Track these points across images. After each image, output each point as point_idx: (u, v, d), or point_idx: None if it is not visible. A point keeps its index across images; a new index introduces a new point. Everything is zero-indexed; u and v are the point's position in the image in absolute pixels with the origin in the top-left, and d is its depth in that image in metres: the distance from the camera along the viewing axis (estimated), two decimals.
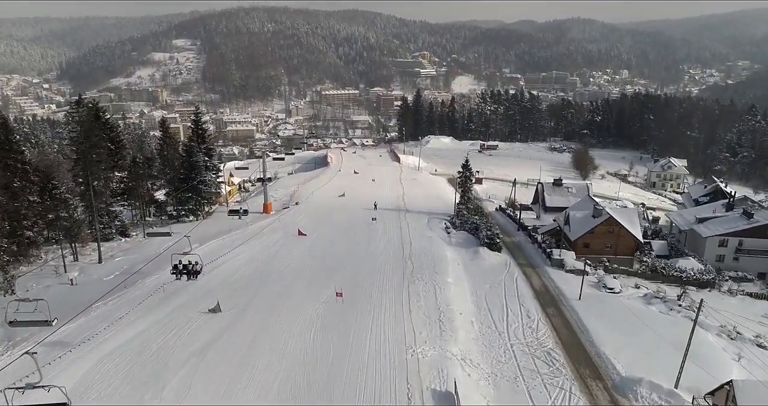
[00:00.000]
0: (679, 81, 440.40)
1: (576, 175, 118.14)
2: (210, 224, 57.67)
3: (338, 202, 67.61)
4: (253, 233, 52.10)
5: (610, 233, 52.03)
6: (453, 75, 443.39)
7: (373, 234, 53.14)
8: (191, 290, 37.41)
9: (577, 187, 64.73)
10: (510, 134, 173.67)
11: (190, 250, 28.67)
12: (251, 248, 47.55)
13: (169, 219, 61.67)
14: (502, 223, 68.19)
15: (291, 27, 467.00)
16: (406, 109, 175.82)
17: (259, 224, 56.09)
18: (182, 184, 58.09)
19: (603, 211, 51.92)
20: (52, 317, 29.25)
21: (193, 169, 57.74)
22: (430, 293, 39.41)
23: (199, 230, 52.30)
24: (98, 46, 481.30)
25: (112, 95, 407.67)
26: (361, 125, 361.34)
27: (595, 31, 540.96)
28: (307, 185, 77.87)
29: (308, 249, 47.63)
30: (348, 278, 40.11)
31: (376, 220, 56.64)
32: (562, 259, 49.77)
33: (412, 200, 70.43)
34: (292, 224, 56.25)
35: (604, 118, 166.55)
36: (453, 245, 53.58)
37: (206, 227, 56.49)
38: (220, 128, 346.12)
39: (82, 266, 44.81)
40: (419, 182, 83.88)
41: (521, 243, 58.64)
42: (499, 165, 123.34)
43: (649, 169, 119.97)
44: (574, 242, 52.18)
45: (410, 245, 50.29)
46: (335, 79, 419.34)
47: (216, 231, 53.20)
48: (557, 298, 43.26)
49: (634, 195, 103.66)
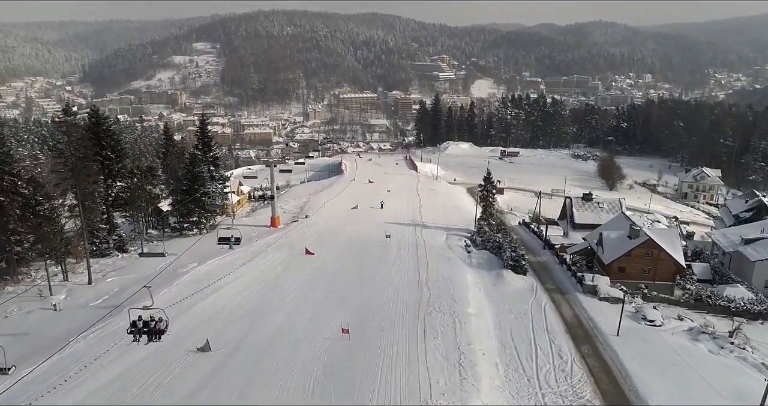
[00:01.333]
0: (704, 85, 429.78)
1: (602, 185, 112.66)
2: (213, 238, 53.86)
3: (351, 215, 63.52)
4: (257, 252, 48.22)
5: (649, 257, 47.02)
6: (472, 78, 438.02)
7: (386, 254, 48.92)
8: (182, 321, 33.59)
9: (608, 203, 59.69)
10: (531, 140, 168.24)
11: (152, 303, 23.79)
12: (253, 270, 43.67)
13: (172, 232, 58.20)
14: (526, 239, 63.48)
15: (310, 30, 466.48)
16: (424, 114, 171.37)
17: (264, 240, 52.24)
18: (184, 196, 54.56)
19: (640, 232, 46.94)
20: (9, 365, 25.84)
21: (196, 180, 54.17)
22: (449, 326, 35.05)
23: (201, 245, 48.72)
24: (120, 49, 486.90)
25: (132, 98, 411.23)
26: (378, 129, 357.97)
27: (618, 34, 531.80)
28: (319, 196, 73.92)
29: (314, 272, 43.58)
30: (357, 309, 35.98)
31: (390, 237, 52.40)
32: (595, 285, 44.94)
33: (430, 213, 66.03)
34: (299, 241, 52.30)
35: (630, 125, 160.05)
36: (474, 266, 49.09)
37: (209, 242, 52.75)
38: (237, 131, 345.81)
39: (71, 288, 41.34)
40: (437, 193, 79.46)
41: (548, 264, 53.87)
42: (520, 173, 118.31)
43: (681, 179, 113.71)
44: (608, 265, 47.27)
45: (427, 267, 45.95)
46: (353, 83, 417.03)
47: (218, 248, 49.45)
48: (592, 332, 38.53)
49: (666, 208, 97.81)
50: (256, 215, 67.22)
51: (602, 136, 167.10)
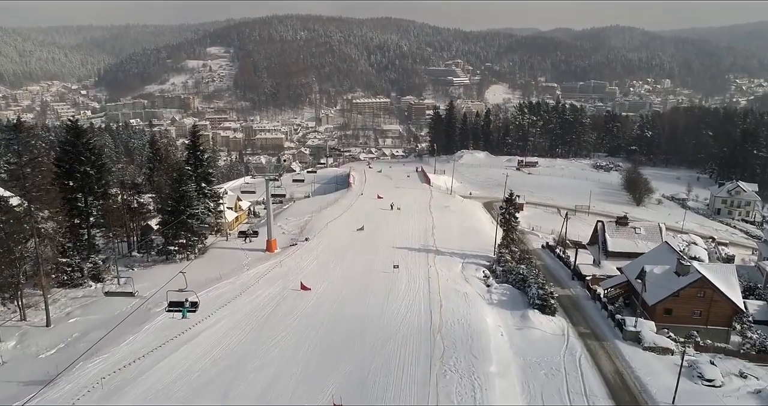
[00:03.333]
0: (724, 91, 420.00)
1: (629, 199, 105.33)
2: (200, 266, 48.04)
3: (356, 238, 57.18)
4: (246, 285, 42.11)
5: (700, 298, 40.19)
6: (487, 84, 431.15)
7: (394, 288, 42.58)
8: (141, 384, 27.61)
9: (646, 228, 52.81)
10: (550, 149, 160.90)
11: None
12: (237, 311, 37.60)
13: (159, 255, 52.40)
14: (551, 266, 56.84)
15: (324, 35, 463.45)
16: (438, 121, 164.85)
17: (256, 269, 46.19)
18: (170, 217, 48.82)
19: (691, 268, 40.09)
20: None
21: (182, 200, 48.41)
22: (467, 394, 28.67)
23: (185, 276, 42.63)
24: (135, 54, 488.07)
25: (145, 102, 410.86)
26: (391, 135, 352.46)
27: (635, 39, 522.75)
28: (323, 214, 67.66)
29: (309, 314, 37.38)
30: (354, 371, 29.72)
31: (398, 268, 46.02)
32: (639, 331, 38.20)
33: (444, 236, 59.49)
34: (295, 271, 46.17)
35: (655, 134, 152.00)
36: (494, 304, 42.59)
37: (196, 269, 46.81)
38: (249, 136, 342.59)
39: (25, 331, 35.60)
40: (452, 211, 72.84)
41: (579, 299, 47.18)
42: (540, 186, 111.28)
43: (713, 193, 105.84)
44: (652, 306, 40.47)
45: (440, 306, 39.53)
46: (366, 88, 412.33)
47: (203, 279, 43.49)
48: (640, 396, 31.92)
49: (699, 226, 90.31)
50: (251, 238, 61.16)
51: (624, 145, 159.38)
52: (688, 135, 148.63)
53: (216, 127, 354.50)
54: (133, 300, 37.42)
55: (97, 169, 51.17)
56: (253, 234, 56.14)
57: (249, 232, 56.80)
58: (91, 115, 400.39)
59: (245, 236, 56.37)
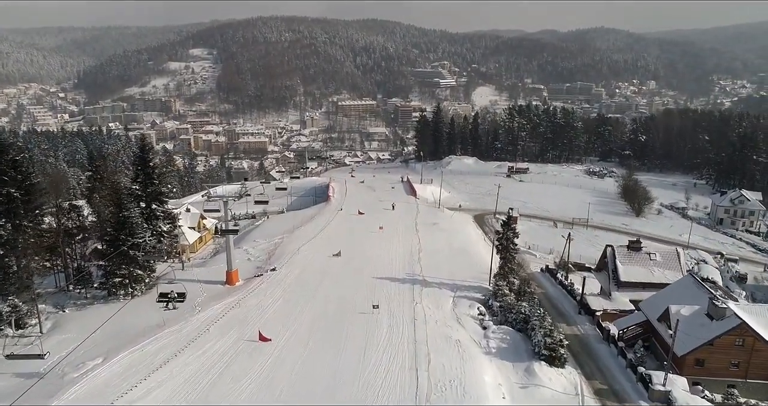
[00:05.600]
0: (709, 92, 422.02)
1: (627, 209, 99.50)
2: (144, 305, 40.60)
3: (331, 265, 49.77)
4: (193, 336, 34.60)
5: (738, 346, 33.70)
6: (473, 85, 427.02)
7: (372, 338, 35.42)
8: None
9: (662, 254, 46.34)
10: (540, 154, 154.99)
11: None
12: (177, 374, 30.20)
13: (100, 290, 44.72)
14: (553, 296, 50.21)
15: (309, 36, 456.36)
16: (425, 125, 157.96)
17: (208, 311, 38.72)
18: (108, 249, 41.34)
19: (727, 311, 33.52)
20: None
21: (123, 227, 40.96)
22: None
23: (121, 321, 35.28)
24: (115, 56, 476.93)
25: (124, 105, 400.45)
26: (377, 137, 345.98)
27: (620, 40, 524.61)
28: (296, 235, 60.19)
29: (265, 378, 30.10)
30: None
31: (378, 308, 38.90)
32: (669, 391, 31.52)
33: (431, 261, 52.43)
34: (256, 313, 38.85)
35: (649, 138, 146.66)
36: (493, 353, 35.73)
37: (138, 310, 39.50)
38: (231, 140, 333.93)
39: None
40: (440, 229, 65.79)
41: (589, 341, 40.52)
42: (533, 194, 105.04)
43: (715, 202, 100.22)
44: (681, 357, 33.85)
45: (428, 362, 32.57)
46: (352, 90, 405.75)
47: (142, 326, 36.07)
48: None
49: (704, 239, 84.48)
50: (215, 260, 53.75)
51: (615, 149, 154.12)
52: (683, 139, 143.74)
53: (198, 131, 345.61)
54: (45, 362, 29.97)
55: (25, 190, 43.58)
56: (178, 298, 39.86)
57: (172, 295, 39.96)
58: (68, 118, 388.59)
59: (167, 299, 40.03)
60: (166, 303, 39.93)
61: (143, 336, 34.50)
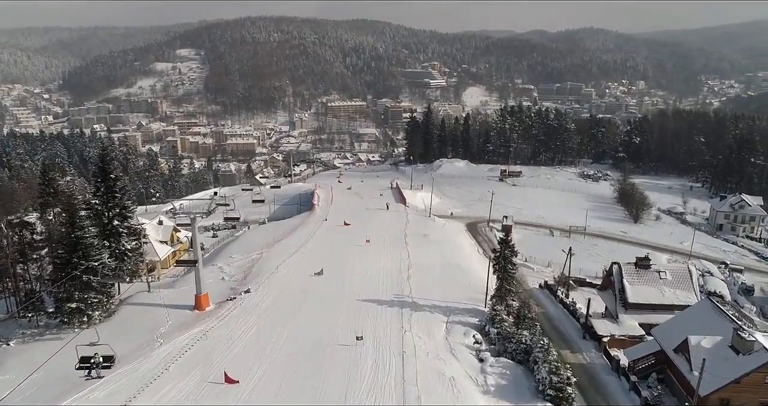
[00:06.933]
0: (697, 92, 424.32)
1: (624, 215, 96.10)
2: (101, 336, 35.95)
3: (312, 285, 45.35)
4: (149, 378, 30.12)
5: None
6: (464, 86, 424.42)
7: (355, 374, 31.21)
8: None
9: (672, 273, 42.52)
10: (533, 156, 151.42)
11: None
12: None
13: (53, 318, 39.93)
14: (554, 316, 46.36)
15: (298, 37, 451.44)
16: (415, 127, 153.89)
17: (171, 344, 34.28)
18: (60, 274, 36.83)
19: (755, 344, 29.65)
20: None
21: (75, 249, 36.49)
22: None
23: (73, 357, 30.51)
24: (101, 56, 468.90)
25: (110, 106, 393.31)
26: (368, 138, 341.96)
27: (609, 41, 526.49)
28: (276, 249, 55.79)
29: None
30: None
31: (362, 339, 34.72)
32: None
33: (422, 280, 48.25)
34: (224, 346, 34.45)
35: (644, 140, 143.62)
36: (491, 393, 31.74)
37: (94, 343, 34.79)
38: (219, 141, 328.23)
39: None
40: (431, 241, 61.62)
41: (596, 371, 36.66)
42: (527, 200, 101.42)
43: (715, 208, 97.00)
44: (704, 397, 29.93)
45: (419, 402, 28.34)
46: (342, 90, 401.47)
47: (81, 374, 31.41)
48: None
49: (705, 246, 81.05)
50: (186, 280, 49.14)
51: (609, 151, 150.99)
52: (678, 141, 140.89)
53: (185, 133, 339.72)
54: None
55: None
56: (104, 362, 29.88)
57: (96, 359, 29.75)
58: (53, 120, 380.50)
59: (90, 366, 29.76)
60: (88, 370, 29.77)
61: (87, 383, 29.86)
